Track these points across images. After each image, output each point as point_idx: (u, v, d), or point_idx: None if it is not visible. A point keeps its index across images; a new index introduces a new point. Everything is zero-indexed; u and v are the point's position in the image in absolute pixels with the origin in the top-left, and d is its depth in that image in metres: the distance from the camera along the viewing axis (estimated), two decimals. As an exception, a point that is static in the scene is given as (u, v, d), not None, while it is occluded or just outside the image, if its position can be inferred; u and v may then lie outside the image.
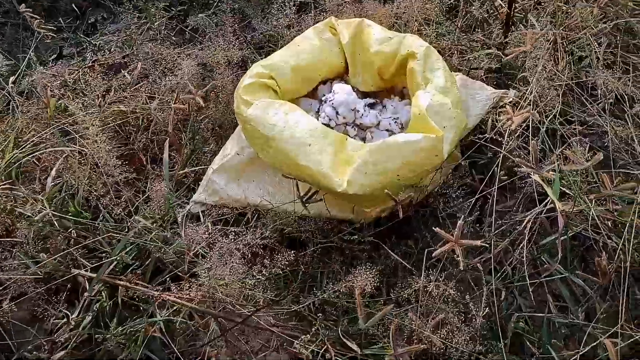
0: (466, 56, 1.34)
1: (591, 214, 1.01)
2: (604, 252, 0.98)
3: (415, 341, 0.95)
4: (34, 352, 0.98)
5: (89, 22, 1.77)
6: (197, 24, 1.57)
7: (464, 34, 1.37)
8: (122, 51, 1.54)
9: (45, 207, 1.05)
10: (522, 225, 1.05)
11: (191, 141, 1.30)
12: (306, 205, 1.10)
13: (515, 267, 1.10)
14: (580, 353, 0.94)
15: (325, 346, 0.98)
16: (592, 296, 1.01)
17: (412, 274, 1.07)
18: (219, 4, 1.66)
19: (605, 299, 1.04)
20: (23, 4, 1.48)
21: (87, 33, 1.74)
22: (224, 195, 1.22)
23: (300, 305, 1.02)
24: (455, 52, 1.37)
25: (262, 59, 1.28)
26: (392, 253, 1.11)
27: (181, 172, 1.23)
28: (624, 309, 0.95)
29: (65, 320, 0.98)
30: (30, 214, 1.05)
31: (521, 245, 1.08)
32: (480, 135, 1.20)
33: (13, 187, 1.11)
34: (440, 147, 1.04)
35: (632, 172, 1.15)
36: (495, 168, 1.14)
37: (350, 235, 1.13)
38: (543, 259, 1.11)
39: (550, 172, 0.98)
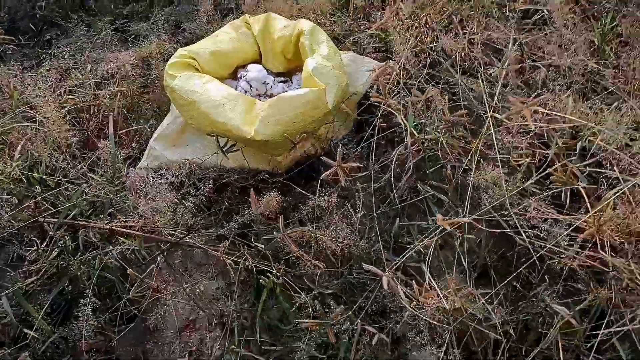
0: (356, 38, 1.67)
1: (440, 140, 1.32)
2: (448, 166, 1.30)
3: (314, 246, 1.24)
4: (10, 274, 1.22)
5: (45, 39, 2.05)
6: (137, 31, 1.86)
7: (353, 22, 1.70)
8: (74, 58, 1.81)
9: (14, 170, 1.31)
10: (392, 155, 1.35)
11: (135, 120, 1.58)
12: (227, 154, 1.38)
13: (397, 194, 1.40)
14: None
15: (245, 257, 1.26)
16: (446, 201, 1.32)
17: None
18: (157, 15, 1.96)
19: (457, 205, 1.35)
20: (-15, 21, 1.76)
21: (43, 48, 2.01)
22: (163, 160, 1.50)
23: (225, 229, 1.30)
24: (349, 37, 1.70)
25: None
26: (296, 187, 1.40)
27: (123, 131, 1.51)
28: (467, 206, 1.26)
29: (35, 248, 1.23)
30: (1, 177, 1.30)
31: (405, 176, 1.39)
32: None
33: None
34: (323, 99, 1.35)
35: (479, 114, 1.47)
36: (376, 118, 1.45)
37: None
38: (420, 187, 1.41)
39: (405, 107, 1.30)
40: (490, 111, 1.40)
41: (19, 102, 1.50)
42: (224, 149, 1.37)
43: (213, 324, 1.32)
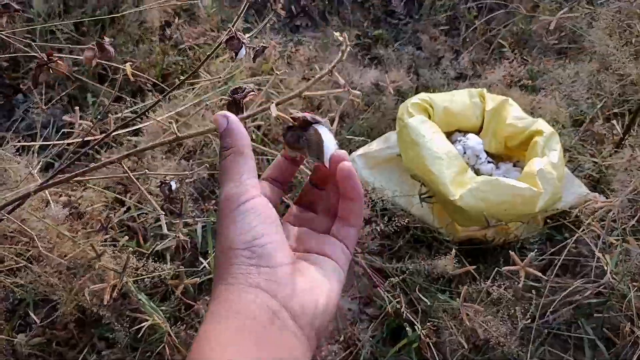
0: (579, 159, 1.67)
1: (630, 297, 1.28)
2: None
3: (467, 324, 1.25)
4: None
5: (296, 24, 2.27)
6: (381, 56, 2.00)
7: (582, 142, 1.71)
8: (317, 52, 1.98)
9: None
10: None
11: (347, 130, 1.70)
12: (422, 202, 1.44)
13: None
14: None
15: (399, 299, 1.30)
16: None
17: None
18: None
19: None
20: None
21: (293, 32, 2.22)
22: (358, 175, 1.59)
23: (393, 266, 1.35)
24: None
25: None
26: (466, 262, 1.42)
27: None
28: None
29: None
30: None
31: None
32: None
33: None
34: (535, 201, 1.36)
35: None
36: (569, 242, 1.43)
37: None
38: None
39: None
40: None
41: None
42: (421, 196, 1.43)
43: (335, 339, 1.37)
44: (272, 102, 0.52)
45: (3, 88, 1.77)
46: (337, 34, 0.54)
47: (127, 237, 1.24)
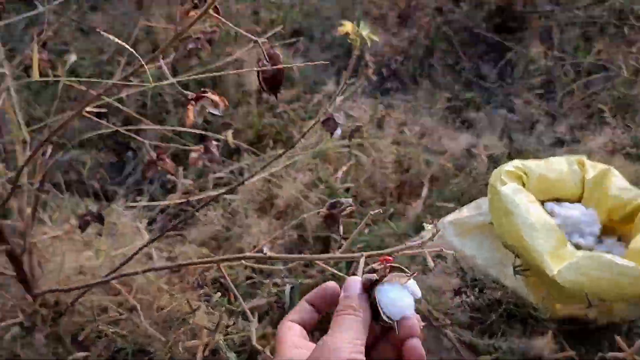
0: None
1: None
2: None
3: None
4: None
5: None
6: (472, 119, 1.99)
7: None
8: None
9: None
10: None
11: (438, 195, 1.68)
12: (515, 274, 1.38)
13: None
14: None
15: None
16: None
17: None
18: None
19: None
20: None
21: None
22: (448, 242, 1.56)
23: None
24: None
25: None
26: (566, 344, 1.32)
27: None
28: None
29: None
30: None
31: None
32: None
33: None
34: (644, 282, 1.26)
35: None
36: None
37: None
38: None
39: None
40: None
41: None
42: (515, 268, 1.37)
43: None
44: (362, 255, 0.55)
45: (117, 146, 1.94)
46: (426, 225, 0.60)
47: (219, 294, 1.28)
